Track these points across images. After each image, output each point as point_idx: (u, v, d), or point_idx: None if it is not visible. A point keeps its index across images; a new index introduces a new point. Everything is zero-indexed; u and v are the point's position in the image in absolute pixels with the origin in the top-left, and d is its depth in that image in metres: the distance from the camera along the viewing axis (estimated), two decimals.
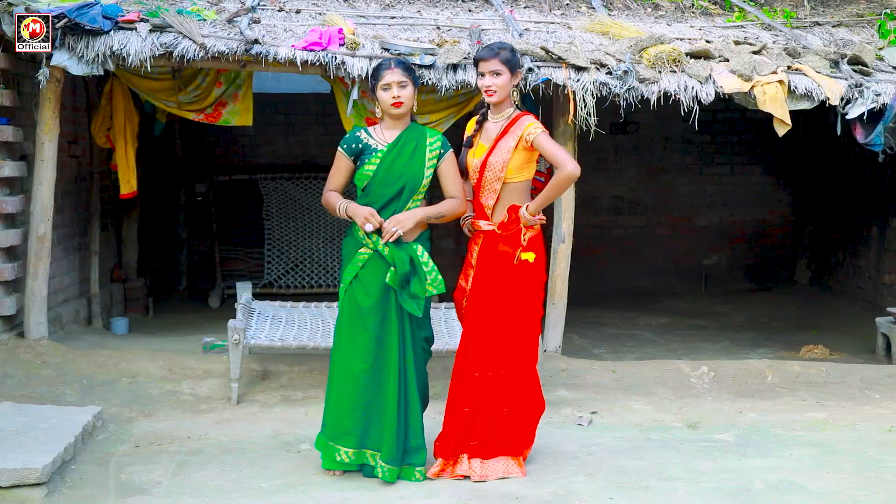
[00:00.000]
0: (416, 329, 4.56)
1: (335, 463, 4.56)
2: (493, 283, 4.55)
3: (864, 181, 9.50)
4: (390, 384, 4.47)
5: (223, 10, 6.75)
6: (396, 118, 4.52)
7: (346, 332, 4.54)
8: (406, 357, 4.52)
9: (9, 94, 6.26)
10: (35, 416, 4.98)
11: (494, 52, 4.53)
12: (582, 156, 6.95)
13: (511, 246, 4.53)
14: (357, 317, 4.51)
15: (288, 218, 10.05)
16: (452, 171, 4.58)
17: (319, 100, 9.75)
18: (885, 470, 4.79)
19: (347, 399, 4.50)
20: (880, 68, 6.86)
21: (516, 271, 4.53)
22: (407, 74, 4.49)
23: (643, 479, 4.60)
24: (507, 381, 4.57)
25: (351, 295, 4.53)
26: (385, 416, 4.47)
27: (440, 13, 7.30)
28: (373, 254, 4.49)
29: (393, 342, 4.48)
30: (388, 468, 4.45)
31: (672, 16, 7.70)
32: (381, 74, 4.48)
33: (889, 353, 7.35)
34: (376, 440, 4.49)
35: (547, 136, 4.55)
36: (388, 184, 4.49)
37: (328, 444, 4.56)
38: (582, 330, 8.25)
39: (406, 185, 4.49)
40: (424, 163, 4.51)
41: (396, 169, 4.48)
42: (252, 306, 6.59)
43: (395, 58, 4.62)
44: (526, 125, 4.53)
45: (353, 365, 4.50)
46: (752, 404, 6.00)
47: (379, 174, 4.49)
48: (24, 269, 6.37)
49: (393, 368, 4.48)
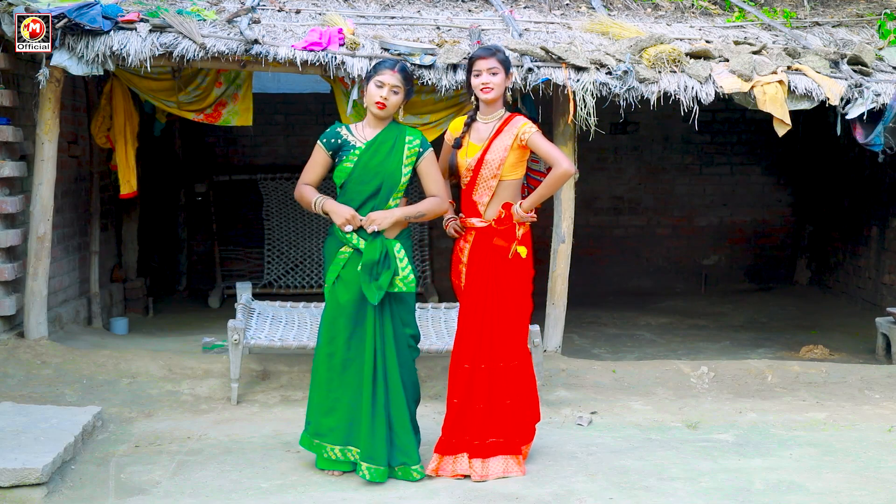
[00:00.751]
0: (400, 326, 4.56)
1: (326, 462, 4.58)
2: (487, 278, 4.60)
3: (864, 181, 9.50)
4: (365, 381, 4.49)
5: (223, 10, 6.75)
6: (378, 118, 4.54)
7: (327, 330, 4.57)
8: (385, 353, 4.51)
9: (9, 94, 6.26)
10: (35, 416, 4.98)
11: (492, 52, 4.60)
12: (582, 156, 6.98)
13: (506, 240, 4.59)
14: (339, 315, 4.54)
15: (288, 218, 10.05)
16: (433, 169, 4.60)
17: (319, 100, 9.75)
18: (885, 470, 4.79)
19: (327, 396, 4.54)
20: (880, 68, 6.86)
21: (510, 265, 4.59)
22: (404, 82, 4.51)
23: (643, 479, 4.60)
24: (504, 374, 4.60)
25: (333, 294, 4.56)
26: (361, 412, 4.48)
27: (440, 13, 7.30)
28: (353, 253, 4.51)
29: (368, 338, 4.49)
30: (369, 467, 4.44)
31: (672, 16, 7.70)
32: (381, 70, 4.50)
33: (889, 353, 7.35)
34: (356, 438, 4.51)
35: (541, 135, 4.62)
36: (365, 181, 4.51)
37: (313, 443, 4.59)
38: (582, 330, 8.26)
39: (384, 183, 4.50)
40: (402, 160, 4.52)
41: (373, 167, 4.50)
42: (252, 306, 6.59)
43: (400, 61, 4.61)
44: (521, 125, 4.60)
45: (332, 362, 4.53)
46: (752, 404, 6.00)
47: (356, 172, 4.51)
48: (24, 269, 6.37)
49: (368, 364, 4.49)
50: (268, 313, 6.58)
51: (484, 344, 4.60)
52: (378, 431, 4.46)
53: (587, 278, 9.23)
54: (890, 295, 8.74)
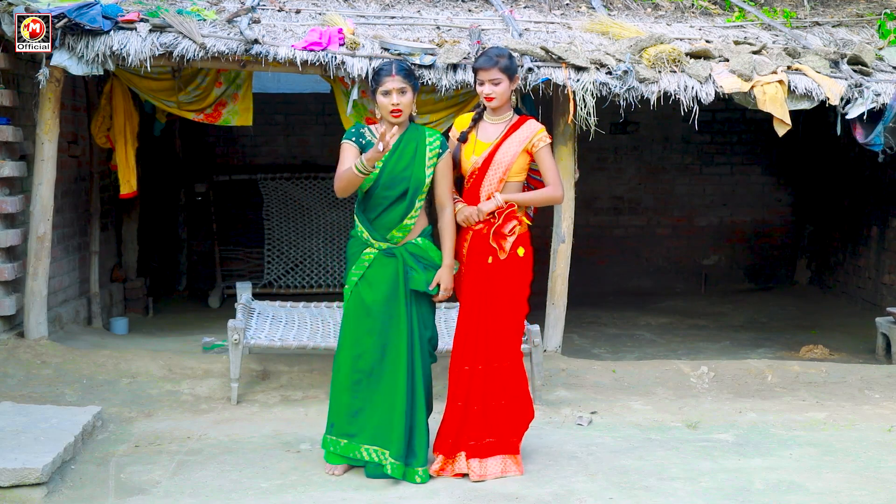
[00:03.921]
0: (422, 329, 4.58)
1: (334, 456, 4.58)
2: (482, 279, 4.59)
3: (864, 181, 9.50)
4: (399, 382, 4.49)
5: (223, 10, 6.75)
6: (395, 124, 4.54)
7: (352, 331, 4.56)
8: (414, 354, 4.53)
9: (9, 94, 6.26)
10: (35, 416, 4.98)
11: (493, 62, 4.56)
12: (582, 156, 6.98)
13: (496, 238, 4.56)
14: (364, 316, 4.53)
15: (288, 218, 10.04)
16: (447, 172, 4.62)
17: (319, 100, 9.75)
18: (885, 470, 4.79)
19: (354, 397, 4.53)
20: (880, 68, 6.86)
21: (506, 266, 4.57)
22: (407, 80, 4.50)
23: (643, 479, 4.60)
24: (498, 374, 4.60)
25: (357, 294, 4.55)
26: (395, 413, 4.47)
27: (440, 13, 7.30)
28: (378, 253, 4.51)
29: (402, 341, 4.50)
30: (395, 464, 4.45)
31: (672, 16, 7.70)
32: (382, 80, 4.49)
33: (889, 353, 7.35)
34: (384, 438, 4.49)
35: (550, 150, 4.65)
36: (391, 187, 4.52)
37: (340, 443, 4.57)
38: (582, 330, 8.25)
39: (409, 188, 4.52)
40: (425, 163, 4.54)
41: (399, 172, 4.51)
42: (252, 306, 6.59)
43: (396, 61, 4.60)
44: (536, 130, 4.62)
45: (359, 364, 4.53)
46: (751, 404, 6.00)
47: (382, 178, 4.50)
48: (24, 269, 6.37)
49: (402, 366, 4.49)
50: (268, 313, 6.58)
51: (480, 344, 4.59)
52: (406, 433, 4.47)
53: (587, 278, 9.22)
54: (890, 295, 8.74)
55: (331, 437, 4.60)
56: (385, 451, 4.48)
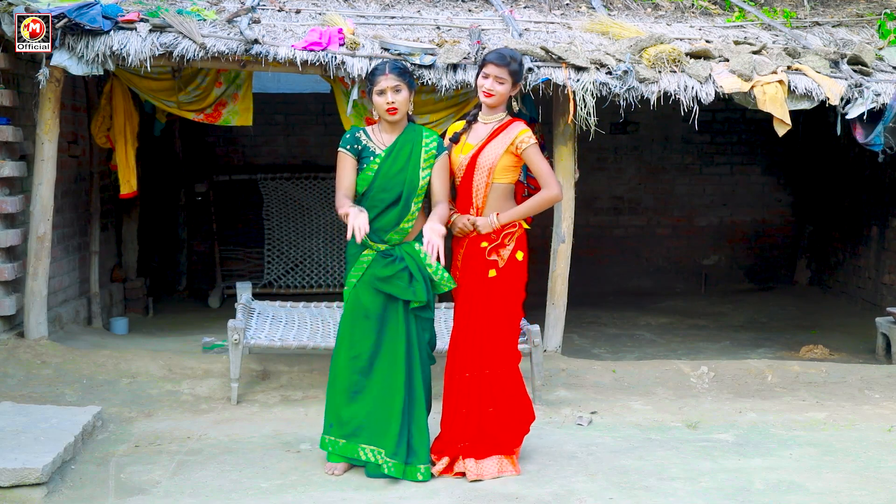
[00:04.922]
0: (421, 331, 4.58)
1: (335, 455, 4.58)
2: (478, 291, 4.58)
3: (864, 181, 9.50)
4: (396, 383, 4.49)
5: (223, 10, 6.75)
6: (392, 123, 4.54)
7: (350, 331, 4.56)
8: (413, 356, 4.54)
9: (9, 94, 6.26)
10: (35, 415, 4.98)
11: (506, 62, 4.56)
12: (582, 156, 6.98)
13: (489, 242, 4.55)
14: (362, 317, 4.54)
15: (288, 218, 10.04)
16: (443, 174, 4.60)
17: (319, 100, 9.75)
18: (885, 470, 4.79)
19: (351, 398, 4.53)
20: (880, 68, 6.86)
21: (501, 272, 4.56)
22: (401, 78, 4.50)
23: (643, 479, 4.60)
24: (490, 380, 4.60)
25: (356, 295, 4.56)
26: (392, 413, 4.48)
27: (440, 13, 7.30)
28: (377, 255, 4.52)
29: (400, 342, 4.51)
30: (393, 463, 4.46)
31: (672, 16, 7.70)
32: (376, 80, 4.50)
33: (889, 353, 7.34)
34: (380, 437, 4.50)
35: (537, 149, 4.60)
36: (386, 189, 4.52)
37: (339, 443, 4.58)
38: (582, 330, 8.25)
39: (404, 191, 4.51)
40: (419, 165, 4.53)
41: (393, 174, 4.51)
42: (252, 306, 6.59)
43: (390, 60, 4.60)
44: (518, 132, 4.58)
45: (356, 364, 4.53)
46: (751, 404, 6.00)
47: (378, 180, 4.51)
48: (24, 269, 6.37)
49: (400, 367, 4.50)
50: (268, 313, 6.58)
51: (475, 351, 4.59)
52: (403, 432, 4.47)
53: (587, 278, 9.23)
54: (890, 295, 8.74)
55: (329, 438, 4.61)
56: (381, 451, 4.49)
